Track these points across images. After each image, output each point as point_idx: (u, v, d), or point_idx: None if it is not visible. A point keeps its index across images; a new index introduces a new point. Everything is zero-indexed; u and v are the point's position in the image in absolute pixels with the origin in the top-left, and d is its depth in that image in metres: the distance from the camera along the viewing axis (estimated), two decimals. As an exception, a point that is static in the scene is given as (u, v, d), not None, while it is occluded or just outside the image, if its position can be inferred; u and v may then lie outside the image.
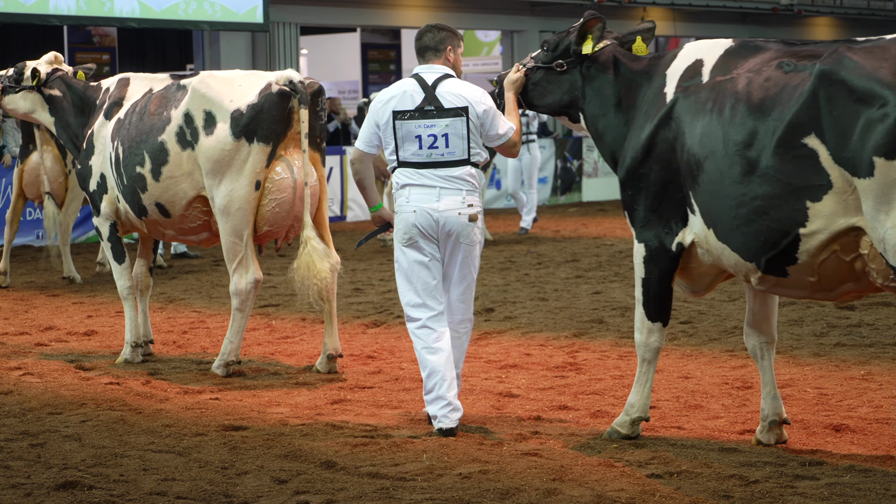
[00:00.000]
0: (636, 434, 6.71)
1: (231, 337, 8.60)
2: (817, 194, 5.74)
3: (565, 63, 6.88)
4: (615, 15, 29.07)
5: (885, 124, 5.48)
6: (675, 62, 6.46)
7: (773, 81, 5.94)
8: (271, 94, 8.38)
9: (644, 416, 6.71)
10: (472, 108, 6.85)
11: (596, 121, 6.79)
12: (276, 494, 5.81)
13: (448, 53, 7.00)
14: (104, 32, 25.09)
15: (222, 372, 8.60)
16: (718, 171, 6.06)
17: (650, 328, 6.62)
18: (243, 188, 8.38)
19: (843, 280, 5.94)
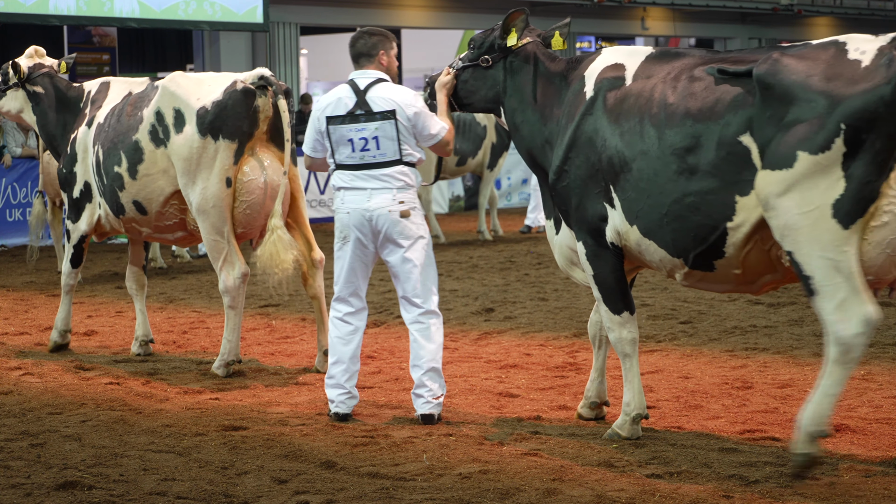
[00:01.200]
0: (637, 435, 6.73)
1: (228, 336, 8.64)
2: (745, 189, 6.06)
3: (490, 58, 7.10)
4: (615, 15, 29.07)
5: (814, 124, 5.82)
6: (593, 64, 6.74)
7: (710, 87, 6.22)
8: (235, 91, 8.49)
9: (643, 413, 6.75)
10: (402, 111, 7.10)
11: (514, 114, 7.03)
12: (276, 494, 5.81)
13: (381, 58, 7.27)
14: (104, 32, 25.10)
15: (223, 372, 8.62)
16: (651, 169, 6.31)
17: (619, 322, 6.73)
18: (215, 186, 8.49)
19: (764, 271, 6.26)
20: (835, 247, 5.82)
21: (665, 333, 9.78)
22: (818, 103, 5.84)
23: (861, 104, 5.77)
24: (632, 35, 31.88)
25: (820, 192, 5.82)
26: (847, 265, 5.83)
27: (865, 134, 5.77)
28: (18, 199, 17.78)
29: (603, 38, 32.78)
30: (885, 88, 5.74)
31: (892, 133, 5.76)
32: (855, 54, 5.89)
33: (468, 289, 12.51)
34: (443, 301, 11.70)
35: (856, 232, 5.82)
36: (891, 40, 5.88)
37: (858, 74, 5.82)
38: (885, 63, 5.78)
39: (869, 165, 5.77)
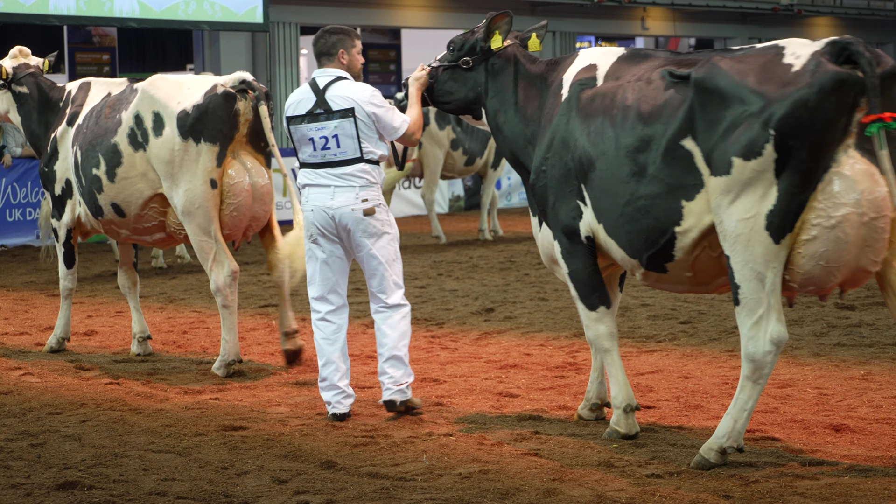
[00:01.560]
0: (635, 429, 6.75)
1: (226, 336, 8.67)
2: (691, 193, 6.11)
3: (471, 60, 7.18)
4: (615, 15, 29.06)
5: (746, 129, 5.88)
6: (571, 67, 6.85)
7: (658, 89, 6.32)
8: (216, 94, 8.60)
9: (633, 404, 6.78)
10: (361, 108, 7.19)
11: (496, 115, 7.13)
12: (276, 494, 5.81)
13: (341, 56, 7.35)
14: (104, 32, 25.09)
15: (223, 373, 8.65)
16: (609, 170, 6.42)
17: (595, 318, 6.82)
18: (199, 187, 8.59)
19: (717, 274, 6.31)
20: (765, 261, 5.91)
21: (665, 333, 9.78)
22: (750, 107, 5.89)
23: (787, 109, 5.79)
24: (632, 35, 31.87)
25: (756, 200, 5.89)
26: (771, 282, 5.94)
27: (792, 140, 5.79)
28: (18, 199, 17.78)
29: (603, 38, 32.77)
30: (809, 92, 5.76)
31: (816, 141, 5.78)
32: (790, 59, 5.92)
33: (468, 289, 12.51)
34: (443, 301, 11.70)
35: (784, 248, 5.89)
36: (824, 45, 5.92)
37: (788, 79, 5.85)
38: (812, 68, 5.80)
39: (796, 175, 5.81)
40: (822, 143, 5.79)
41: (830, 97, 5.75)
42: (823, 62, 5.81)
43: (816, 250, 5.86)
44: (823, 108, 5.76)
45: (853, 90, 5.76)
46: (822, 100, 5.75)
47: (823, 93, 5.75)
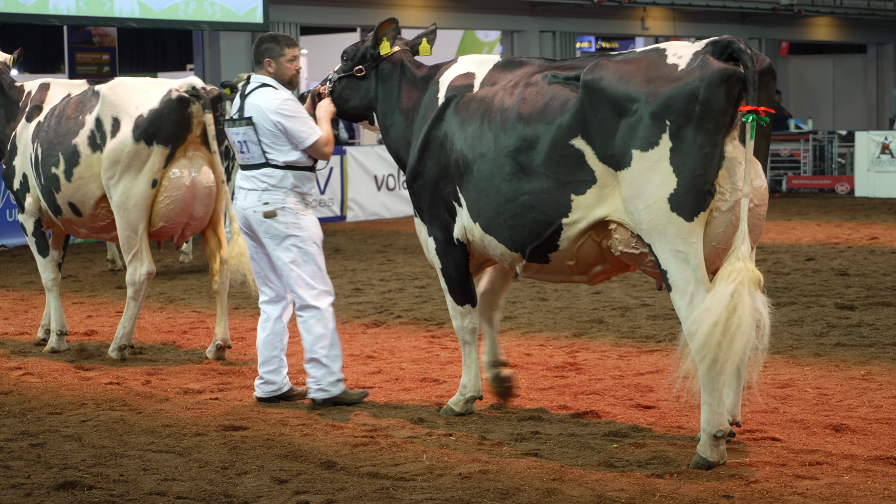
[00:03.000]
0: (470, 411, 7.30)
1: (125, 323, 9.15)
2: (582, 188, 6.48)
3: (364, 68, 7.55)
4: (615, 15, 29.06)
5: (641, 123, 6.25)
6: (448, 72, 7.25)
7: (541, 92, 6.69)
8: (171, 99, 8.95)
9: (477, 395, 7.33)
10: (265, 117, 7.47)
11: (385, 118, 7.51)
12: (276, 494, 5.81)
13: (267, 65, 7.65)
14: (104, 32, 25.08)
15: (117, 355, 9.13)
16: (489, 171, 6.77)
17: (462, 312, 7.30)
18: (140, 186, 8.95)
19: (595, 262, 6.72)
20: (682, 239, 6.20)
21: (665, 333, 9.78)
22: (641, 104, 6.25)
23: (681, 101, 6.18)
24: (632, 35, 31.86)
25: (655, 188, 6.22)
26: (695, 257, 6.21)
27: (686, 129, 6.18)
28: (18, 199, 17.75)
29: (603, 38, 32.76)
30: (698, 85, 6.16)
31: (710, 128, 6.18)
32: (673, 59, 6.33)
33: (468, 289, 12.50)
34: (442, 301, 11.69)
35: (700, 224, 6.20)
36: (704, 45, 6.32)
37: (676, 75, 6.25)
38: (699, 64, 6.21)
39: (696, 158, 6.16)
40: (714, 132, 6.18)
41: (719, 89, 6.16)
42: (709, 59, 6.23)
43: (713, 231, 6.24)
44: (714, 99, 6.16)
45: (738, 84, 6.19)
46: (712, 91, 6.16)
47: (713, 86, 6.15)
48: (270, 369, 7.72)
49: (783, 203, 23.29)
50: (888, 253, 14.98)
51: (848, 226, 18.59)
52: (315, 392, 7.59)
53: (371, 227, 20.19)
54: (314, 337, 7.53)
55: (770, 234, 17.45)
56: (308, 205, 7.66)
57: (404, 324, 10.61)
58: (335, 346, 7.59)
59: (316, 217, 7.73)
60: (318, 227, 7.64)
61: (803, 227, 18.48)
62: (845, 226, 18.61)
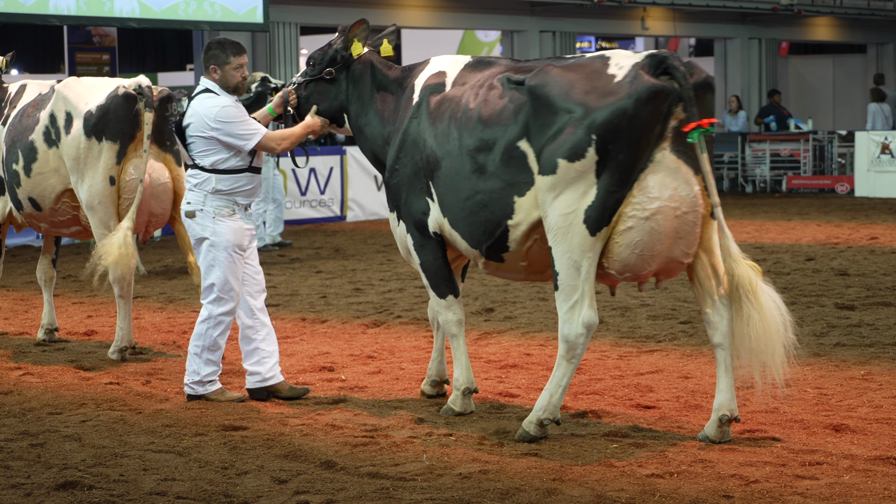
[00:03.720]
0: (469, 409, 7.33)
1: (121, 324, 9.24)
2: (523, 190, 6.67)
3: (334, 70, 7.65)
4: (615, 15, 29.04)
5: (571, 133, 6.42)
6: (422, 73, 7.40)
7: (498, 94, 6.87)
8: (117, 96, 9.11)
9: (472, 388, 7.37)
10: (199, 121, 7.63)
11: (358, 119, 7.65)
12: (276, 494, 5.81)
13: (212, 72, 7.82)
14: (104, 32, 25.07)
15: (117, 357, 9.18)
16: (453, 168, 6.96)
17: (445, 305, 7.40)
18: (99, 183, 9.10)
19: (550, 264, 6.73)
20: (581, 251, 6.46)
21: (665, 333, 9.78)
22: (575, 114, 6.43)
23: (607, 116, 6.33)
24: (632, 35, 31.85)
25: (577, 198, 6.42)
26: (586, 270, 6.48)
27: (611, 145, 6.33)
28: (18, 199, 17.74)
29: (603, 37, 32.75)
30: (627, 102, 6.30)
31: (633, 145, 6.34)
32: (613, 69, 6.48)
33: (468, 289, 12.51)
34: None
35: (600, 240, 6.45)
36: (644, 57, 6.44)
37: (610, 88, 6.39)
38: (631, 79, 6.34)
39: (614, 175, 6.35)
40: (638, 147, 6.33)
41: (646, 106, 6.30)
42: (641, 74, 6.35)
43: (632, 239, 6.41)
44: (640, 115, 6.30)
45: (668, 99, 6.33)
46: (639, 108, 6.30)
47: (640, 102, 6.29)
48: (253, 361, 7.85)
49: (783, 203, 23.28)
50: (888, 253, 14.98)
51: (848, 226, 18.58)
52: (186, 386, 7.87)
53: (371, 227, 20.18)
54: (195, 334, 7.80)
55: (770, 234, 17.45)
56: (239, 210, 7.72)
57: (404, 324, 10.61)
58: (213, 351, 7.77)
59: (244, 224, 7.74)
60: (236, 234, 7.68)
61: (803, 227, 18.48)
62: (845, 226, 18.61)
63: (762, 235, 17.41)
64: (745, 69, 30.94)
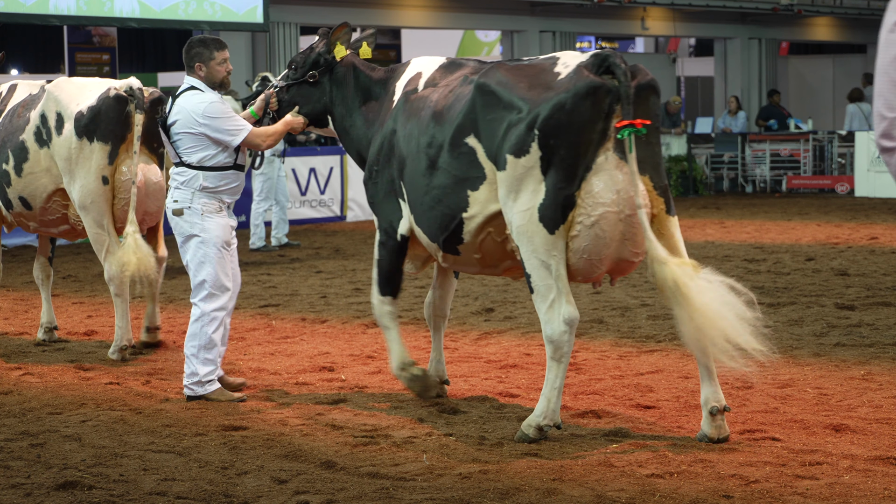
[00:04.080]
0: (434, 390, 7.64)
1: (119, 323, 9.28)
2: (476, 184, 6.84)
3: (317, 73, 7.78)
4: (615, 15, 29.05)
5: (517, 129, 6.56)
6: (403, 75, 7.56)
7: (453, 92, 7.07)
8: (108, 97, 9.21)
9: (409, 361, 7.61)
10: (187, 118, 7.73)
11: (343, 120, 7.79)
12: (276, 494, 5.81)
13: (198, 69, 7.88)
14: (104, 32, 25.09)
15: (117, 357, 9.20)
16: (414, 166, 7.15)
17: (382, 300, 7.65)
18: (92, 183, 9.19)
19: (502, 258, 7.03)
20: (545, 250, 6.54)
21: (665, 333, 9.78)
22: (520, 110, 6.58)
23: (548, 111, 6.46)
24: (632, 35, 31.87)
25: (530, 195, 6.54)
26: (556, 268, 6.55)
27: (553, 140, 6.46)
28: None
29: (603, 38, 32.74)
30: (565, 97, 6.43)
31: (574, 141, 6.45)
32: (559, 68, 6.63)
33: (468, 289, 12.51)
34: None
35: (561, 238, 6.53)
36: (589, 57, 6.59)
37: (552, 85, 6.54)
38: (572, 76, 6.49)
39: (560, 172, 6.45)
40: (580, 143, 6.44)
41: (585, 102, 6.43)
42: (583, 71, 6.49)
43: (579, 246, 6.51)
44: (579, 111, 6.42)
45: (607, 97, 6.43)
46: (578, 103, 6.42)
47: (578, 97, 6.42)
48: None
49: (783, 203, 23.29)
50: (888, 253, 14.98)
51: (848, 226, 18.58)
52: (185, 388, 7.89)
53: (371, 227, 20.14)
54: (189, 334, 7.83)
55: (770, 234, 17.46)
56: (225, 207, 7.83)
57: (404, 324, 10.60)
58: (209, 350, 7.78)
59: (230, 221, 7.86)
60: (224, 230, 7.79)
61: (803, 227, 18.48)
62: (845, 226, 18.61)
63: (762, 235, 17.41)
64: (745, 69, 30.95)
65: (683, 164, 25.73)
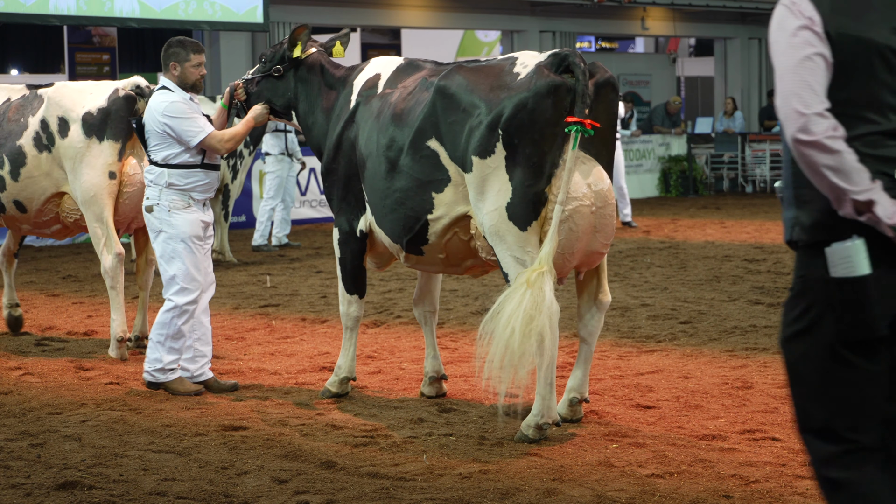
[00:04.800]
0: (346, 392, 7.78)
1: (114, 315, 9.34)
2: (440, 187, 6.95)
3: (282, 69, 7.95)
4: (615, 15, 29.05)
5: (480, 130, 6.68)
6: (361, 73, 7.71)
7: (411, 95, 7.18)
8: (118, 97, 9.40)
9: (351, 376, 7.80)
10: (153, 118, 7.95)
11: (306, 117, 7.94)
12: (276, 494, 5.81)
13: (173, 69, 8.08)
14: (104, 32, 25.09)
15: (117, 354, 9.28)
16: (374, 168, 7.27)
17: (349, 300, 7.77)
18: (98, 177, 9.33)
19: (466, 256, 7.15)
20: (519, 247, 6.64)
21: (665, 333, 9.78)
22: (482, 111, 6.69)
23: (510, 111, 6.58)
24: (632, 35, 31.84)
25: (495, 195, 6.64)
26: (531, 263, 6.55)
27: (517, 139, 6.58)
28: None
29: (603, 37, 32.72)
30: (526, 96, 6.55)
31: (538, 139, 6.57)
32: (519, 68, 6.73)
33: (468, 289, 12.51)
34: (443, 301, 11.70)
35: (534, 233, 6.62)
36: (548, 56, 6.68)
37: (512, 85, 6.64)
38: (532, 75, 6.60)
39: (526, 170, 6.56)
40: (543, 141, 6.55)
41: (546, 100, 6.53)
42: (542, 71, 6.59)
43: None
44: (540, 109, 6.53)
45: (568, 96, 6.54)
46: (539, 102, 6.53)
47: (539, 96, 6.53)
48: (186, 357, 8.11)
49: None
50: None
51: (848, 226, 18.55)
52: (145, 373, 8.07)
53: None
54: (158, 322, 7.97)
55: (770, 234, 17.45)
56: (195, 203, 7.98)
57: (404, 324, 10.61)
58: (177, 339, 7.95)
59: (201, 216, 8.01)
60: (192, 225, 7.94)
61: (803, 227, 18.45)
62: (845, 226, 18.57)
63: (762, 235, 17.41)
64: (745, 69, 30.95)
65: (683, 164, 25.74)
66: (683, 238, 17.27)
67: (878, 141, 3.62)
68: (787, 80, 3.62)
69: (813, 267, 3.69)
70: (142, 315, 9.77)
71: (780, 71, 3.64)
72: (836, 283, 3.62)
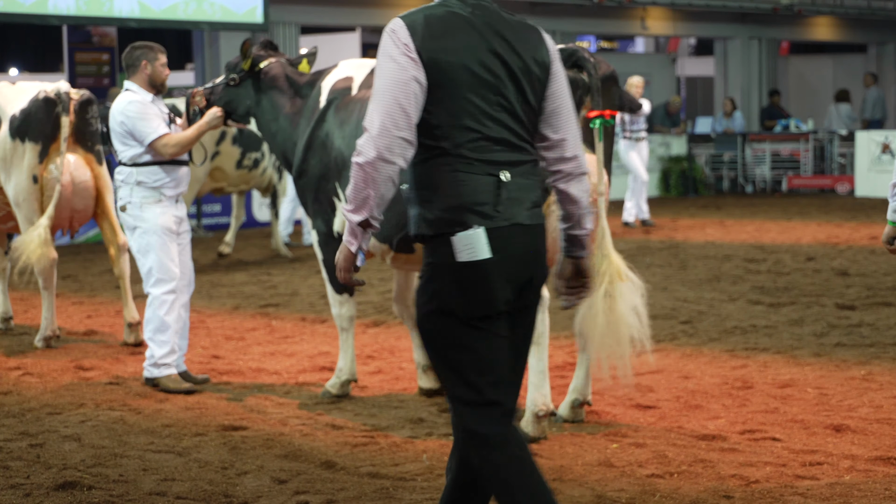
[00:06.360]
0: (346, 393, 7.81)
1: (45, 314, 9.76)
2: None
3: (238, 78, 8.14)
4: (615, 15, 29.05)
5: None
6: (330, 76, 7.80)
7: None
8: (38, 100, 9.60)
9: (352, 378, 7.85)
10: (113, 119, 8.13)
11: (269, 125, 8.06)
12: (276, 494, 5.81)
13: (143, 69, 8.23)
14: (104, 32, 25.07)
15: (42, 345, 9.67)
16: None
17: (340, 301, 7.82)
18: (23, 181, 9.60)
19: None
20: None
21: (665, 333, 9.78)
22: None
23: None
24: (632, 35, 31.83)
25: None
26: None
27: None
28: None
29: (603, 37, 32.70)
30: None
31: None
32: None
33: (468, 289, 12.50)
34: (443, 301, 11.69)
35: None
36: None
37: None
38: None
39: None
40: None
41: None
42: None
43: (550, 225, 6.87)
44: None
45: (577, 91, 6.56)
46: None
47: None
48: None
49: (784, 203, 23.28)
50: (888, 253, 14.95)
51: (848, 226, 18.58)
52: (146, 370, 8.20)
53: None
54: (146, 319, 8.16)
55: (770, 234, 17.45)
56: (166, 198, 8.14)
57: (404, 324, 10.59)
58: (162, 331, 8.08)
59: (172, 211, 8.16)
60: (164, 218, 8.11)
61: (804, 227, 18.48)
62: (846, 226, 18.61)
63: (762, 235, 17.41)
64: (745, 69, 30.95)
65: (683, 164, 25.74)
66: (683, 238, 17.27)
67: (484, 147, 4.07)
68: (380, 99, 4.02)
69: (439, 255, 4.11)
70: (127, 303, 9.88)
71: (377, 89, 4.04)
72: (461, 267, 4.05)
